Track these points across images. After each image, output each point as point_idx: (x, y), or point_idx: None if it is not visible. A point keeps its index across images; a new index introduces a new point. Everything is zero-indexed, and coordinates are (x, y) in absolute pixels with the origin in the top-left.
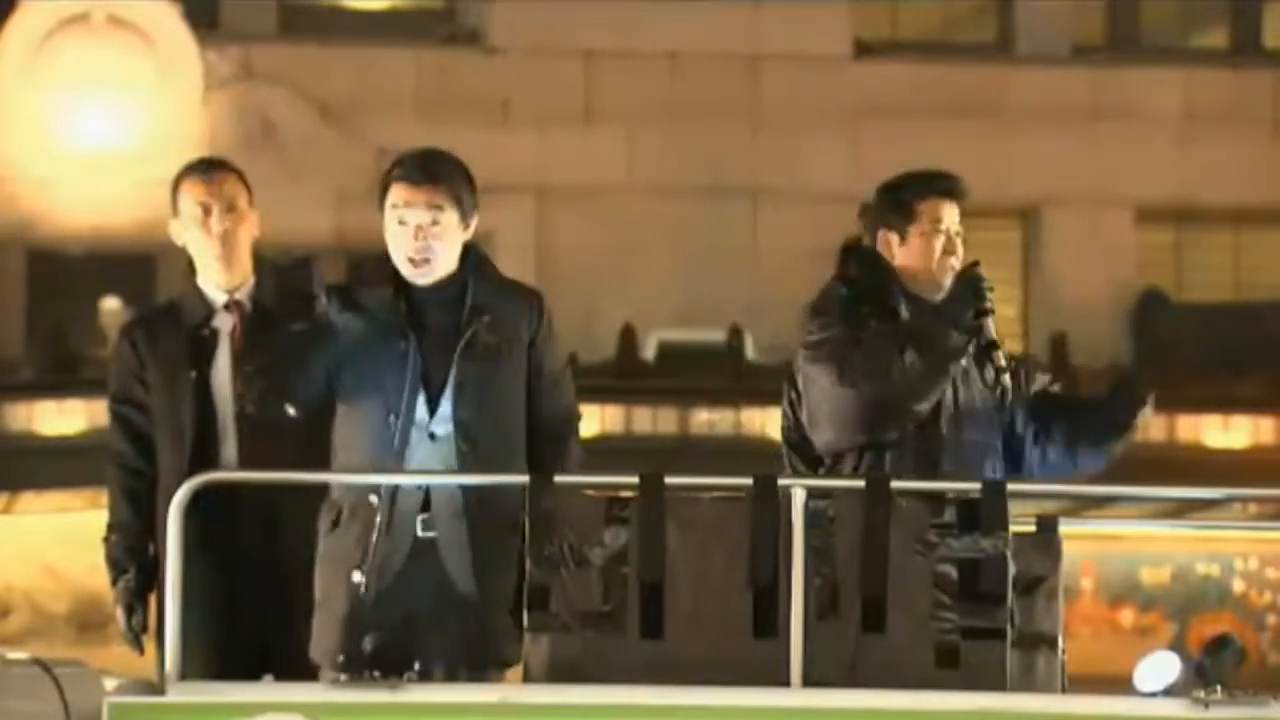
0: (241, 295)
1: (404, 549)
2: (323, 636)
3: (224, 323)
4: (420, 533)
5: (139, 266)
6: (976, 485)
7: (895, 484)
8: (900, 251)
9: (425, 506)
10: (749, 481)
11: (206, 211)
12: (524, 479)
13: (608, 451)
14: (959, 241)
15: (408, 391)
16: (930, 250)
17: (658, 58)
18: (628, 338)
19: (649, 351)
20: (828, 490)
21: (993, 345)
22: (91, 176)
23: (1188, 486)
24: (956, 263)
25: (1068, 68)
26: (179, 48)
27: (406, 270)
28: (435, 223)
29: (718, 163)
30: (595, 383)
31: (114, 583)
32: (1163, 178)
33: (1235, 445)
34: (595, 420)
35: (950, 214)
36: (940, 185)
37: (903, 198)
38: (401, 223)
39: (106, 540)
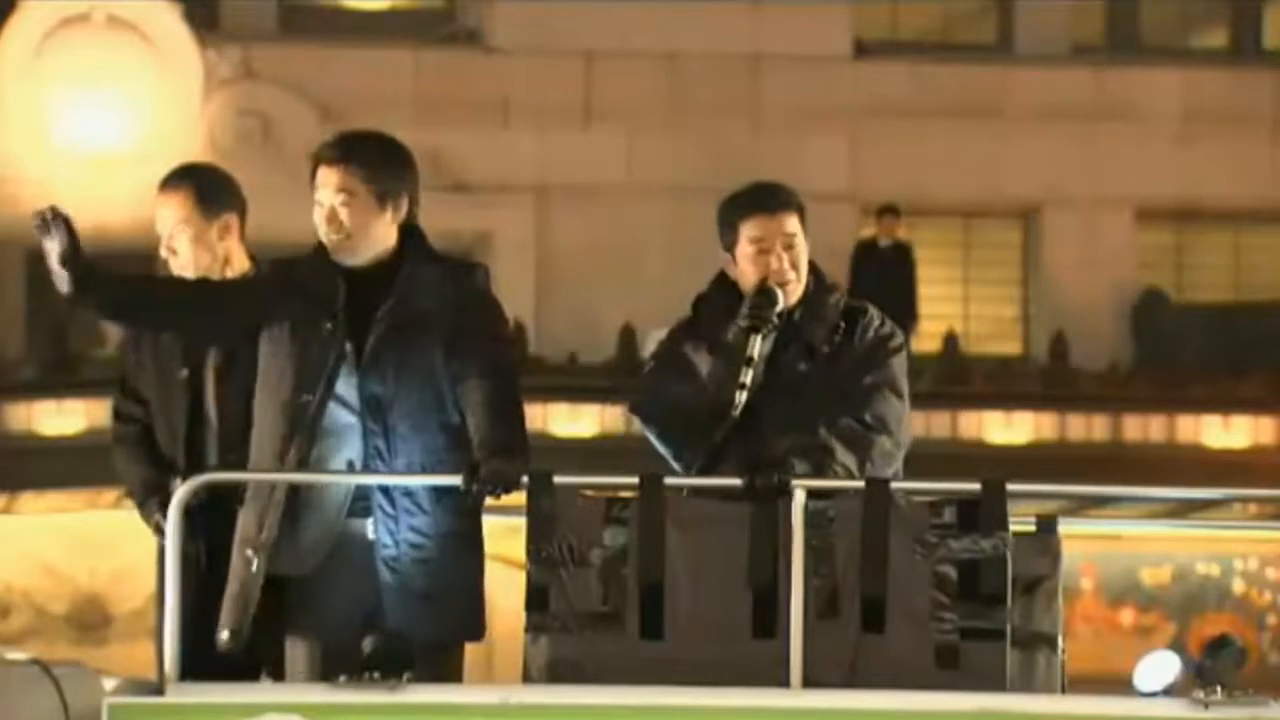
0: None
1: (327, 540)
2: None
3: None
4: (369, 536)
5: (139, 266)
6: (976, 485)
7: (895, 484)
8: (736, 271)
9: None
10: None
11: (163, 235)
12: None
13: (608, 451)
14: (791, 253)
15: (329, 371)
16: (753, 270)
17: (658, 58)
18: (628, 338)
19: (649, 351)
20: (828, 490)
21: (747, 361)
22: (91, 176)
23: (1188, 486)
24: (793, 275)
25: (1068, 68)
26: (179, 48)
27: (330, 250)
28: (346, 204)
29: (718, 163)
30: (595, 383)
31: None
32: (1163, 178)
33: (1235, 445)
34: (595, 420)
35: (773, 229)
36: (757, 202)
37: (728, 218)
38: (319, 203)
39: (140, 504)
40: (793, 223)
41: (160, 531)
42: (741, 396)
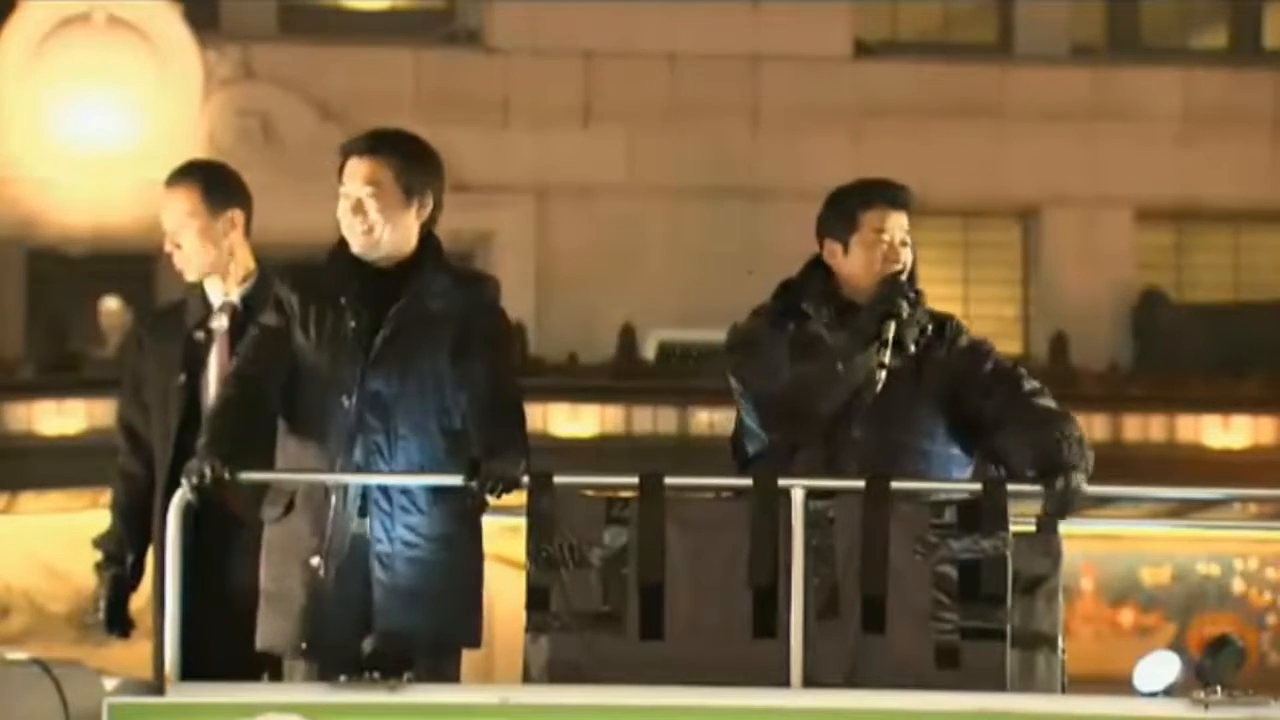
0: (235, 296)
1: (345, 544)
2: (278, 625)
3: (219, 324)
4: (368, 534)
5: (139, 266)
6: (977, 485)
7: (895, 484)
8: (843, 261)
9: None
10: (749, 482)
11: (168, 230)
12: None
13: (608, 451)
14: (905, 250)
15: (358, 374)
16: (871, 260)
17: (658, 58)
18: (628, 338)
19: (649, 351)
20: (828, 490)
21: (884, 344)
22: (91, 176)
23: (1188, 486)
24: (902, 271)
25: (1068, 68)
26: (179, 48)
27: (353, 244)
28: (373, 196)
29: (718, 163)
30: (595, 383)
31: (98, 584)
32: (1163, 178)
33: (1235, 445)
34: (595, 420)
35: (894, 223)
36: (884, 194)
37: (847, 207)
38: (345, 196)
39: (94, 543)
40: (907, 222)
41: (94, 567)
42: (882, 374)
